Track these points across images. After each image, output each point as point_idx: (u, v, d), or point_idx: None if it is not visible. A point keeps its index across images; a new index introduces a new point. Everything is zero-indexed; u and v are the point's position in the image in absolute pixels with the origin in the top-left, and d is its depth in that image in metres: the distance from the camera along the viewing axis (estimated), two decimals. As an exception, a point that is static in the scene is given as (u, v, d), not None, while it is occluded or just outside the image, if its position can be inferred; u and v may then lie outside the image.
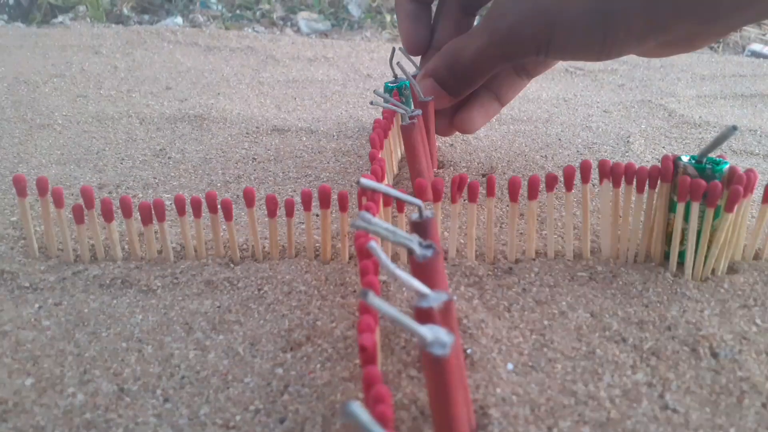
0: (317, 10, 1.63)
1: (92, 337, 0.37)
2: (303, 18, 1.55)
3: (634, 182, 0.43)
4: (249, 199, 0.43)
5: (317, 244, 0.47)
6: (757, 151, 0.68)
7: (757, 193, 0.46)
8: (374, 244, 0.25)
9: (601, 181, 0.43)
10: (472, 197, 0.43)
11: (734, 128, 0.39)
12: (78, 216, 0.44)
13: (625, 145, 0.70)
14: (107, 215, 0.43)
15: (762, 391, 0.32)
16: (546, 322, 0.38)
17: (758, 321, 0.38)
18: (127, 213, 0.43)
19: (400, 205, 0.43)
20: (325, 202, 0.43)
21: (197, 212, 0.44)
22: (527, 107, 0.85)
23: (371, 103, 0.48)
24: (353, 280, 0.43)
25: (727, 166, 0.41)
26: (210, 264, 0.44)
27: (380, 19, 1.58)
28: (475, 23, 0.57)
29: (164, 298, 0.41)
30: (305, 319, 0.38)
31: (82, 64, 1.06)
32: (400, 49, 0.59)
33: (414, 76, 0.56)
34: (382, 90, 0.58)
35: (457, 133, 0.74)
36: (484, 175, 0.61)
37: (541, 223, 0.50)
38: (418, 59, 0.62)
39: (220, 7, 1.66)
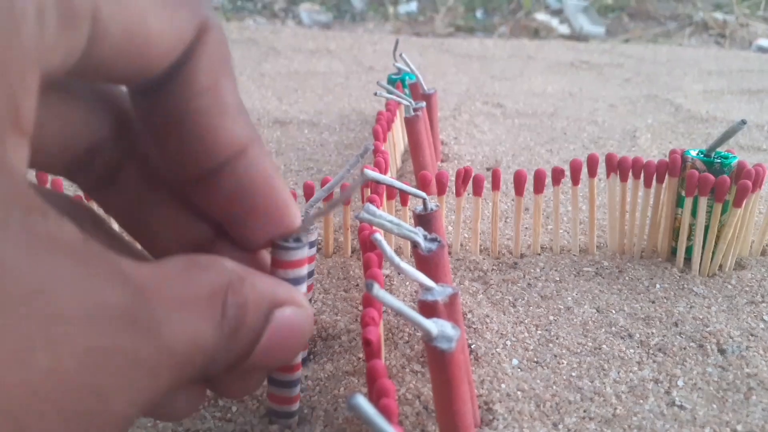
0: (319, 2, 1.62)
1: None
2: (305, 9, 1.54)
3: (642, 177, 0.42)
4: (251, 191, 0.43)
5: (319, 238, 0.46)
6: (764, 147, 0.68)
7: (766, 188, 0.45)
8: (379, 236, 0.24)
9: (608, 175, 0.43)
10: (477, 191, 0.42)
11: (743, 122, 0.38)
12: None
13: (631, 139, 0.70)
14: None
15: (770, 389, 0.31)
16: (551, 318, 0.37)
17: (766, 317, 0.37)
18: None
19: (404, 197, 0.43)
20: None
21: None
22: (532, 101, 0.84)
23: (375, 93, 0.47)
24: (356, 273, 0.42)
25: (736, 161, 0.40)
26: (211, 256, 0.44)
27: (383, 11, 1.57)
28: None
29: (165, 290, 0.41)
30: (307, 313, 0.38)
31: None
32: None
33: None
34: (385, 82, 0.57)
35: (462, 126, 0.74)
36: (488, 169, 0.61)
37: (547, 217, 0.50)
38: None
39: (222, -2, 1.65)
